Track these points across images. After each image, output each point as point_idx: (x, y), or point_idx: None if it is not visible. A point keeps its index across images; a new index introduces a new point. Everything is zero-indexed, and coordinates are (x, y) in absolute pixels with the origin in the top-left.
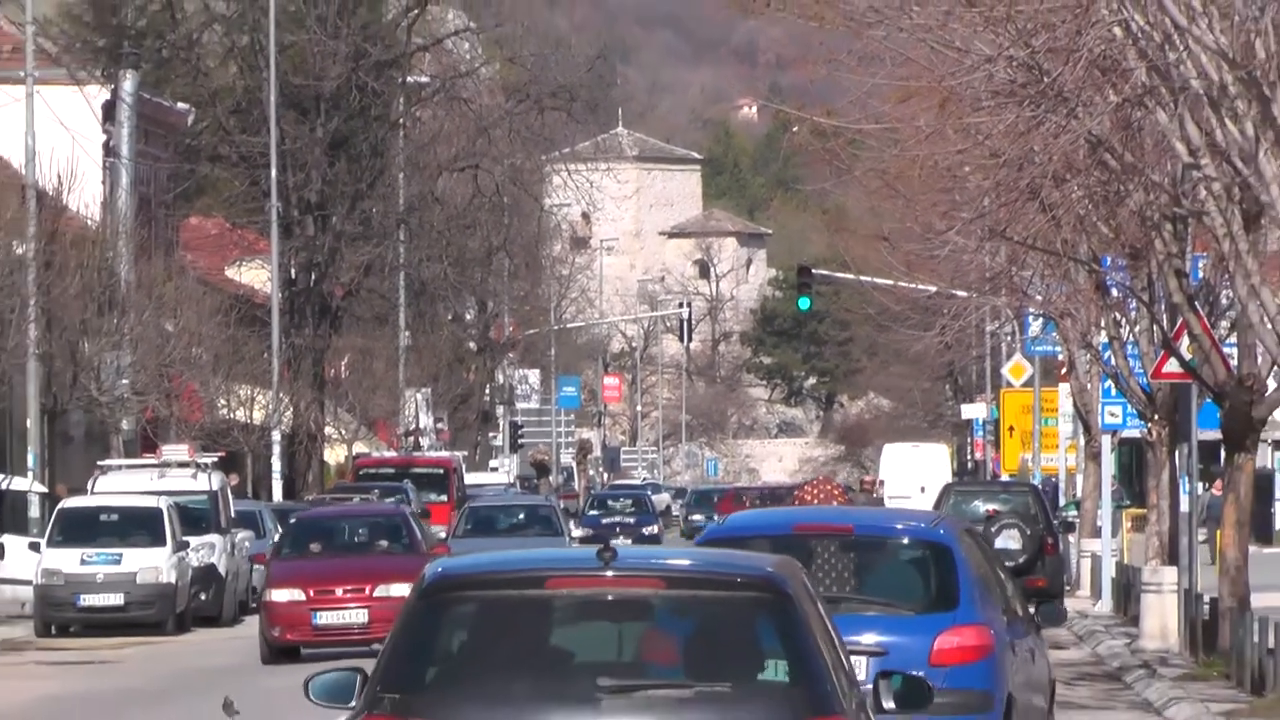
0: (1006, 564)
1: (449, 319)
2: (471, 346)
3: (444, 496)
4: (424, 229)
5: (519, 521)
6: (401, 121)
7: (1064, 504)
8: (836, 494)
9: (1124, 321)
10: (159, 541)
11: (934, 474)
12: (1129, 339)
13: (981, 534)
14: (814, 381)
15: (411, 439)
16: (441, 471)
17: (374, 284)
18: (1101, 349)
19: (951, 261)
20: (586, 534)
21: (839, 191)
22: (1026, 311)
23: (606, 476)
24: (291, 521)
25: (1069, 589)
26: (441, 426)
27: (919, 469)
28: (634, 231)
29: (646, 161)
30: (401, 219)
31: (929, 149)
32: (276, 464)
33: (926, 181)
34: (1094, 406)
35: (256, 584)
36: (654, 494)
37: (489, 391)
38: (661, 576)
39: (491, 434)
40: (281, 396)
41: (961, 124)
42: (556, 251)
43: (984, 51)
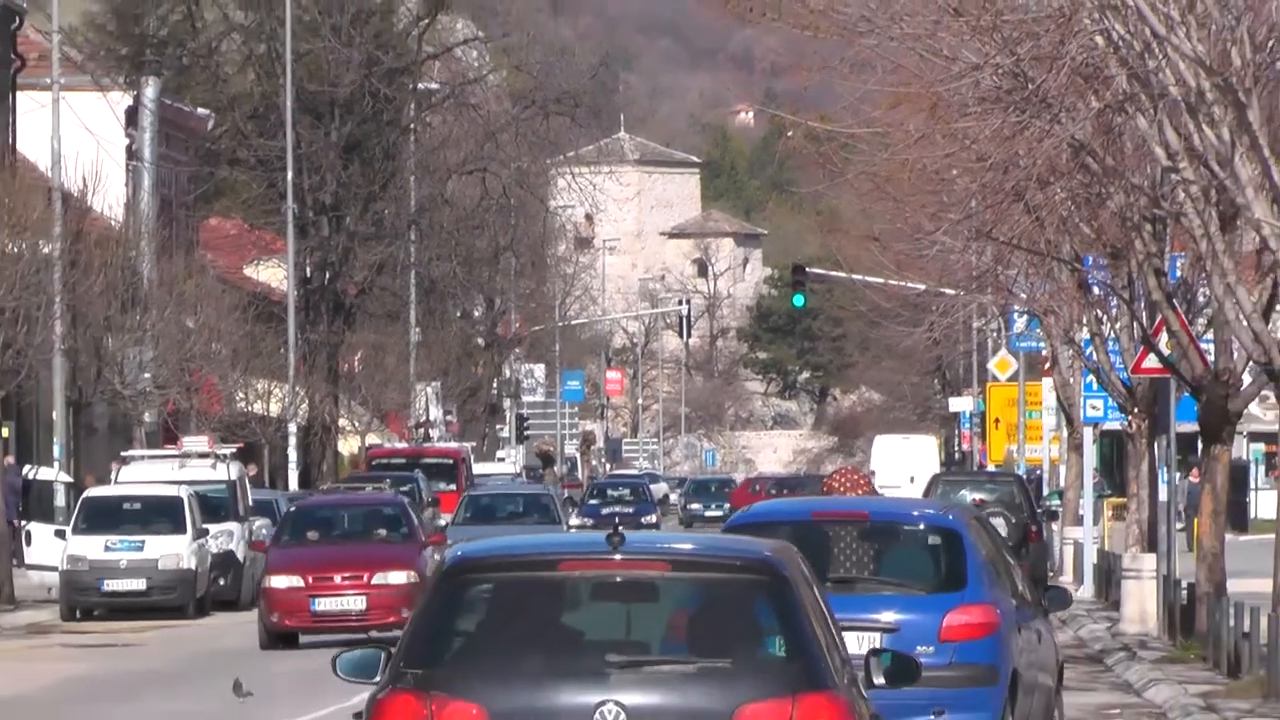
0: None
1: (458, 316)
2: (479, 342)
3: (453, 486)
4: (434, 229)
5: (517, 510)
6: (412, 126)
7: (1047, 493)
8: (862, 483)
9: (1105, 318)
10: (179, 529)
11: (923, 464)
12: (1110, 335)
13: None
14: (808, 376)
15: (422, 431)
16: (451, 462)
17: (386, 282)
18: (1083, 345)
19: (940, 261)
20: (583, 524)
21: (832, 193)
22: (1011, 309)
23: (609, 466)
24: (291, 509)
25: (1052, 575)
26: (451, 419)
27: (909, 460)
28: (635, 232)
29: (647, 165)
30: (412, 220)
31: (918, 153)
32: (292, 455)
33: (916, 184)
34: (1076, 400)
35: None
36: (651, 483)
37: (496, 385)
38: (667, 560)
39: (499, 426)
40: (297, 390)
41: (949, 129)
42: (561, 251)
43: (971, 59)
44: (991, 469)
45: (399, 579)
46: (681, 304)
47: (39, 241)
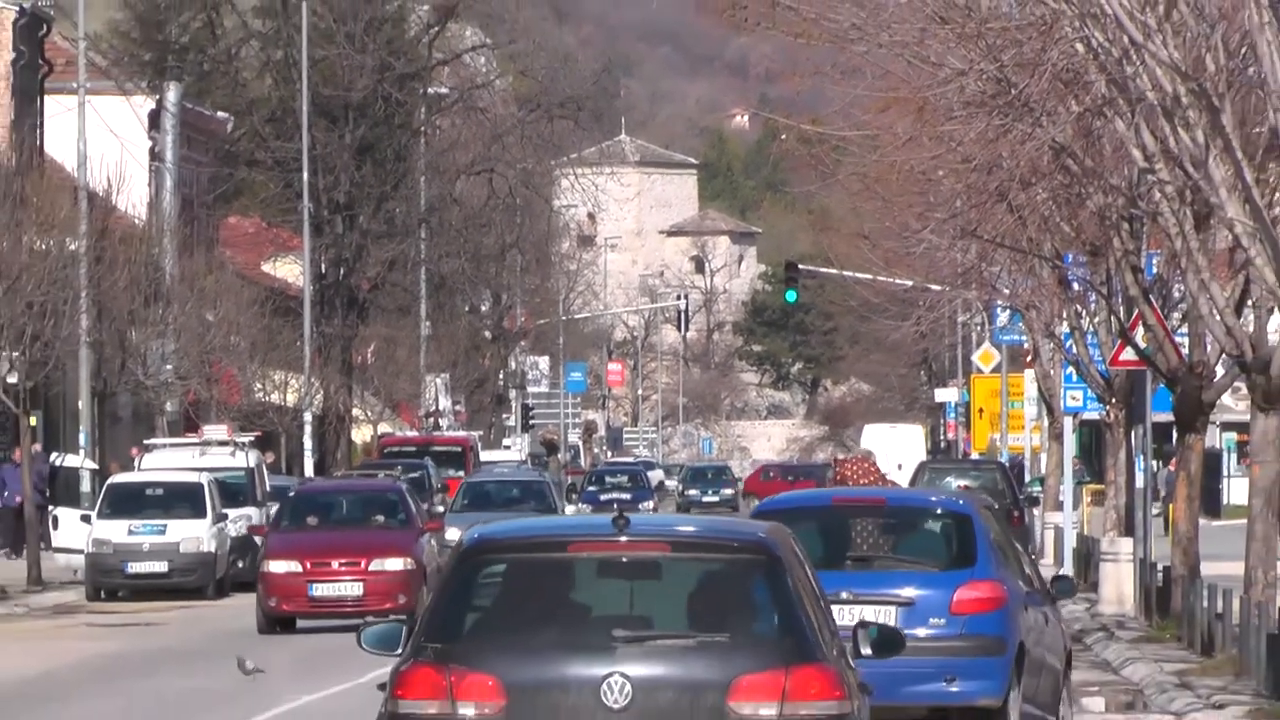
0: None
1: (466, 310)
2: (487, 335)
3: (462, 472)
4: (443, 228)
5: (515, 496)
6: (423, 129)
7: (1029, 480)
8: (873, 472)
9: (1084, 313)
10: (200, 514)
11: (910, 453)
12: (1089, 329)
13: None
14: (800, 367)
15: (432, 420)
16: (459, 449)
17: (397, 278)
18: (1064, 338)
19: (926, 258)
20: (580, 510)
21: (823, 193)
22: (995, 304)
23: (610, 454)
24: (290, 495)
25: (1034, 558)
26: (459, 408)
27: (896, 448)
28: (635, 230)
29: (647, 166)
30: (422, 218)
31: (906, 155)
32: (308, 443)
33: (904, 184)
34: (1057, 391)
35: None
36: (648, 470)
37: (503, 376)
38: (668, 541)
39: (505, 415)
40: (313, 381)
41: (936, 132)
42: (564, 248)
43: (956, 65)
44: (976, 457)
45: (396, 565)
46: (680, 299)
47: (66, 239)
